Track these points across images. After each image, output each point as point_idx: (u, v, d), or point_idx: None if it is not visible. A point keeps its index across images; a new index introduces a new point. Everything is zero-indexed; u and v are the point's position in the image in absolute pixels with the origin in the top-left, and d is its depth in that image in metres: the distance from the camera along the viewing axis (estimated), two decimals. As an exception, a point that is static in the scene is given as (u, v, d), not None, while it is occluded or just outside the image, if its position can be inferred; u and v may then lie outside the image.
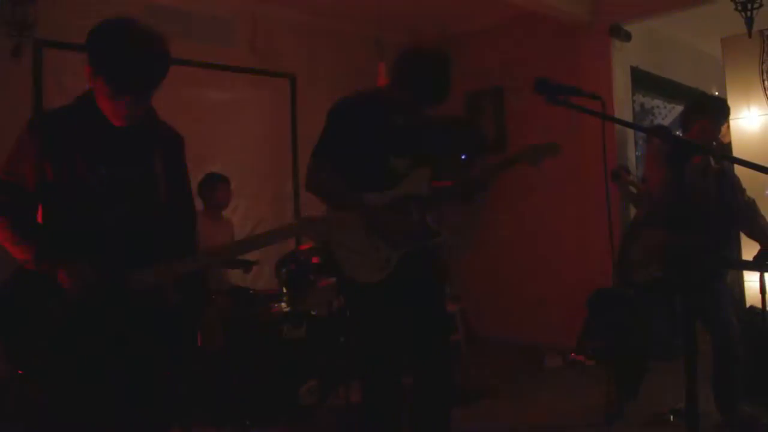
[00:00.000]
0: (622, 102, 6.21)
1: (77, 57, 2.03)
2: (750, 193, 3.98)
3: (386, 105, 2.78)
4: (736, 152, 5.47)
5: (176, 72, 2.15)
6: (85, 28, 2.03)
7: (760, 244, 3.70)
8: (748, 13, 4.92)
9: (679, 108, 6.23)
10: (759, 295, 3.24)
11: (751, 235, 3.79)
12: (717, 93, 6.25)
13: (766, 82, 5.39)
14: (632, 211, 5.58)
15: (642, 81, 6.61)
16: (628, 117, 6.24)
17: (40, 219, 2.13)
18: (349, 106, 2.76)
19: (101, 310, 2.06)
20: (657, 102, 7.00)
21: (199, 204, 4.03)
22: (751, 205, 3.79)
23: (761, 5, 4.87)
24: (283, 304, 4.55)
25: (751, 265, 4.22)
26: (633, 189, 5.35)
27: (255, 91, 6.13)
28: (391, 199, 2.73)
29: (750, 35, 5.12)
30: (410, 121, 2.86)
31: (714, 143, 3.80)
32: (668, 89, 7.04)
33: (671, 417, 3.90)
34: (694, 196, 3.61)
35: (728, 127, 5.60)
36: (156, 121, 2.26)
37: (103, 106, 2.06)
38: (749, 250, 4.86)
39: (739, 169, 5.00)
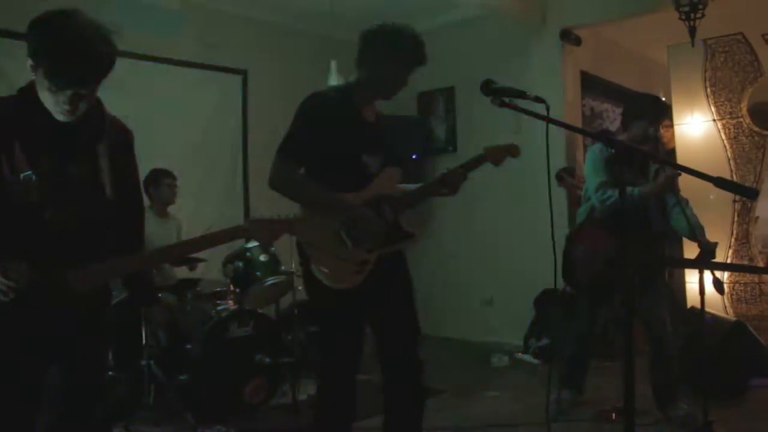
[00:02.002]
0: (572, 105, 6.31)
1: (20, 45, 1.96)
2: (693, 197, 4.08)
3: (358, 101, 2.72)
4: (680, 157, 5.61)
5: (123, 64, 2.10)
6: (28, 15, 1.96)
7: (692, 239, 3.79)
8: (691, 22, 5.05)
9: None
10: (699, 296, 3.33)
11: (681, 232, 3.87)
12: (663, 98, 6.40)
13: (708, 90, 5.55)
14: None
15: (591, 85, 6.73)
16: (577, 120, 6.35)
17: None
18: (320, 101, 2.66)
19: (39, 310, 2.00)
20: (606, 106, 7.14)
21: (145, 200, 3.97)
22: (683, 204, 3.87)
23: (703, 15, 5.00)
24: (230, 302, 4.50)
25: (692, 263, 4.33)
26: (579, 191, 5.44)
27: (205, 86, 6.05)
28: (364, 200, 2.66)
29: (693, 44, 5.26)
30: (381, 119, 2.82)
31: (655, 141, 3.87)
32: (617, 94, 7.18)
33: (614, 415, 3.98)
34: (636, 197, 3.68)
35: (673, 133, 5.74)
36: (103, 114, 2.17)
37: (45, 99, 1.98)
38: (691, 250, 5.00)
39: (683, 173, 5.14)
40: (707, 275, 3.37)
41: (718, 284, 3.53)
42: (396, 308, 2.79)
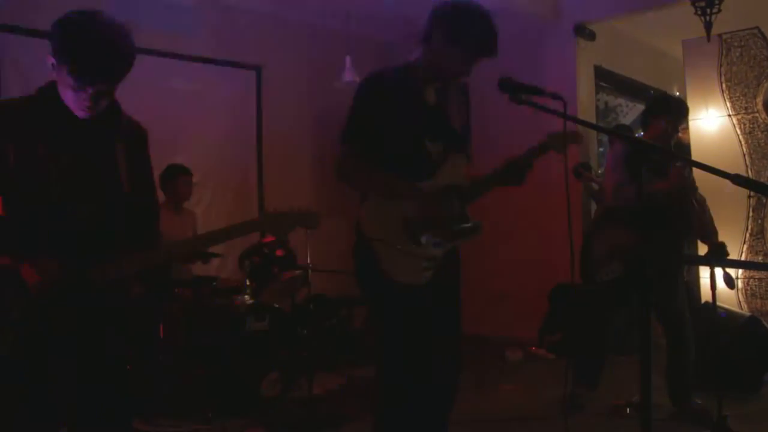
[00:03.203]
0: (586, 100, 6.30)
1: (38, 43, 2.00)
2: (707, 193, 4.07)
3: (420, 80, 2.51)
4: (694, 152, 5.59)
5: (140, 61, 2.14)
6: (46, 14, 2.01)
7: (702, 240, 3.79)
8: (707, 17, 5.03)
9: (641, 107, 6.35)
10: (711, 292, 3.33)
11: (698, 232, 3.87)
12: (678, 93, 6.38)
13: (724, 85, 5.52)
14: (594, 207, 5.68)
15: (606, 80, 6.71)
16: (592, 115, 6.34)
17: (0, 211, 2.10)
18: (377, 81, 2.47)
19: (62, 304, 2.04)
20: (620, 100, 7.12)
21: (160, 196, 4.01)
22: (701, 204, 3.87)
23: (719, 10, 4.98)
24: (247, 297, 4.54)
25: (702, 260, 4.32)
26: (594, 186, 5.44)
27: (220, 82, 6.08)
28: (437, 189, 2.49)
29: (709, 39, 5.23)
30: (443, 101, 2.60)
31: (673, 142, 3.87)
32: (631, 88, 7.15)
33: (628, 409, 3.99)
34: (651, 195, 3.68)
35: (687, 128, 5.72)
36: (120, 113, 2.23)
37: (66, 97, 2.04)
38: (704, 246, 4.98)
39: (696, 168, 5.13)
40: (718, 271, 3.38)
41: (728, 280, 3.54)
42: (443, 307, 2.66)
